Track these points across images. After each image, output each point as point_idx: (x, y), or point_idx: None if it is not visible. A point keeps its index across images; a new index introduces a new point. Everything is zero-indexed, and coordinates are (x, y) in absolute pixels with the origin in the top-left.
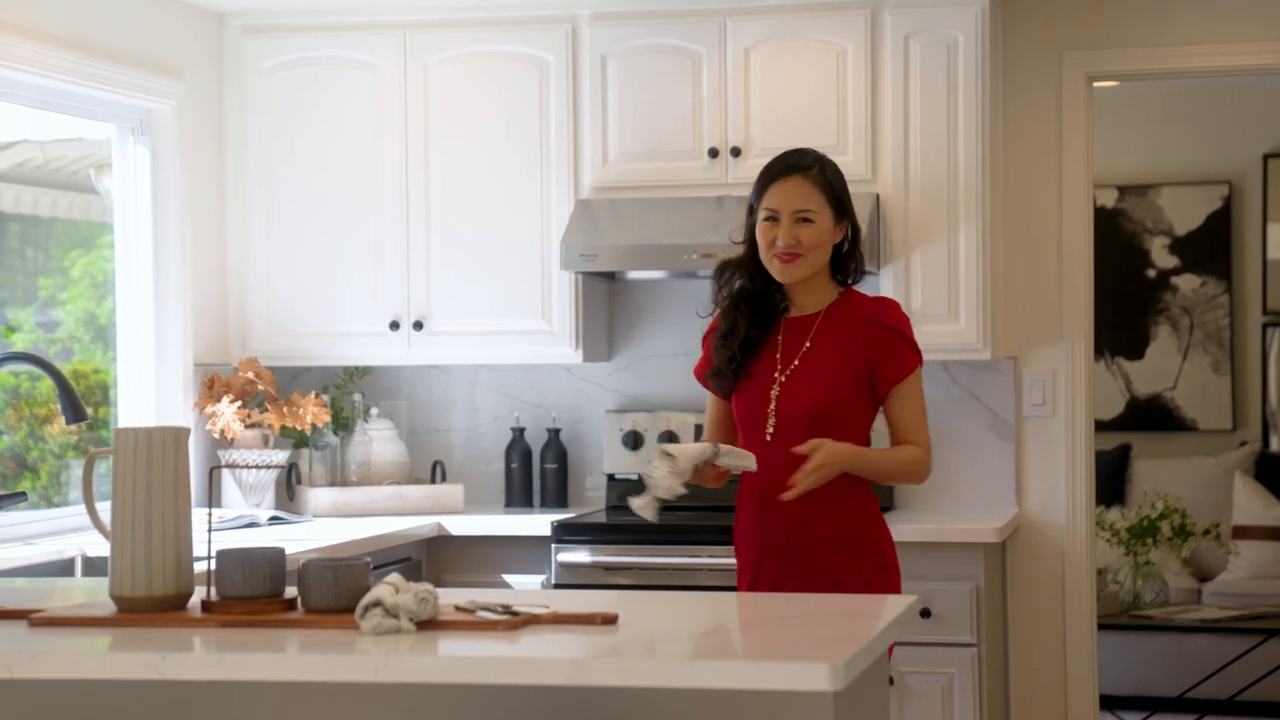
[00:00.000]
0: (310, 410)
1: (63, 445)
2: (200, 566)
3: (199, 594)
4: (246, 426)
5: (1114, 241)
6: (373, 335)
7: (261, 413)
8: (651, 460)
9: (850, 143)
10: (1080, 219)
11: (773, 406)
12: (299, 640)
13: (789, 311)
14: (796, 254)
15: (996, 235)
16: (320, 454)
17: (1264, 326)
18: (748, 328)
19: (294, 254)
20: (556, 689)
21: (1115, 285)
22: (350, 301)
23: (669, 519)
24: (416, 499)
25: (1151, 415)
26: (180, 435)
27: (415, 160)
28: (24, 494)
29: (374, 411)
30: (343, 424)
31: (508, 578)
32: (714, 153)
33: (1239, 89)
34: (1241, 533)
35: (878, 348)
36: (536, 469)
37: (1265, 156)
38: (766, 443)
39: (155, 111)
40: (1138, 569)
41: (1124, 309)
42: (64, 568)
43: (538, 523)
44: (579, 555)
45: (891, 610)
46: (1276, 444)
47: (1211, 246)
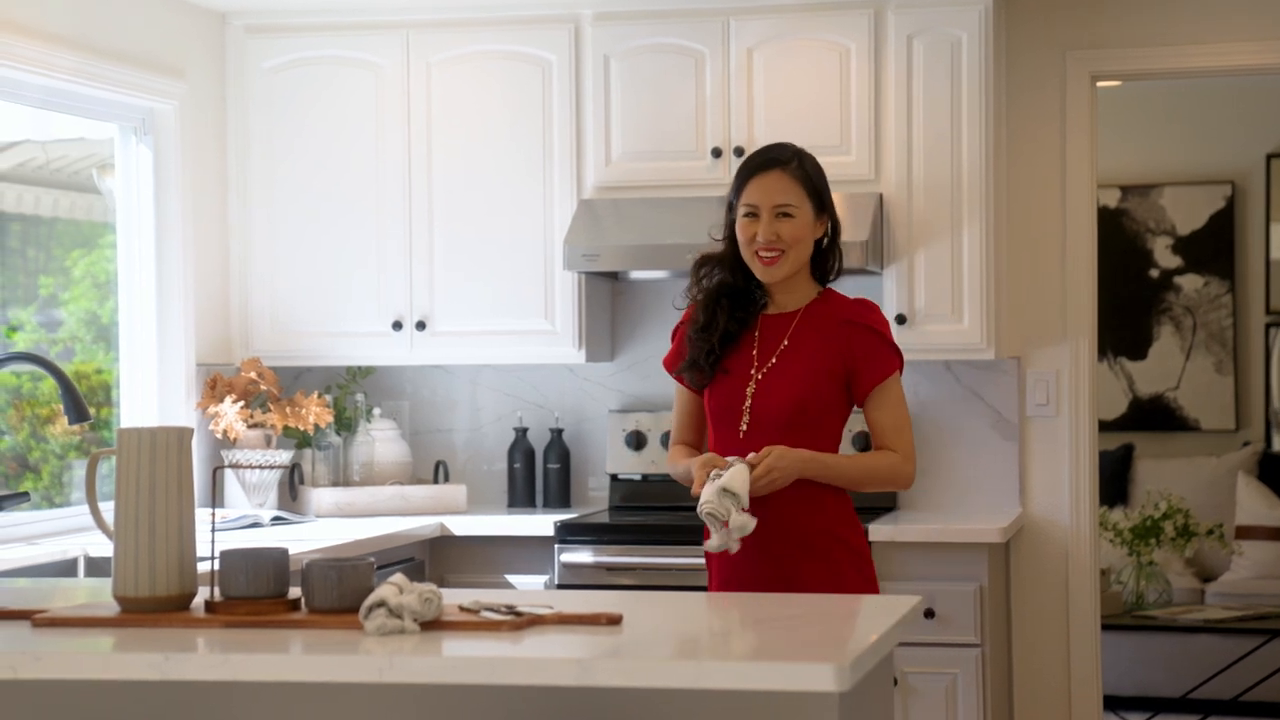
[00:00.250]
0: (313, 410)
1: (65, 445)
2: (204, 567)
3: (202, 594)
4: (249, 427)
5: (1117, 242)
6: (375, 335)
7: (264, 413)
8: (708, 504)
9: (853, 142)
10: (1083, 218)
11: (748, 404)
12: (303, 641)
13: (768, 308)
14: (778, 250)
15: (1000, 235)
16: (323, 454)
17: (1267, 326)
18: (727, 321)
19: (296, 254)
20: (561, 690)
21: (1118, 285)
22: (353, 301)
23: (670, 519)
24: (419, 499)
25: (1154, 415)
26: (183, 435)
27: (418, 160)
28: (27, 494)
29: (377, 411)
30: (345, 424)
31: (511, 578)
32: (717, 153)
33: (1242, 89)
34: (1244, 533)
35: (856, 349)
36: (539, 469)
37: (1268, 156)
38: (740, 439)
39: (157, 111)
40: (1141, 569)
41: (1127, 309)
42: (67, 568)
43: (541, 523)
44: (582, 555)
45: (896, 610)
46: (1279, 444)
47: (1214, 246)
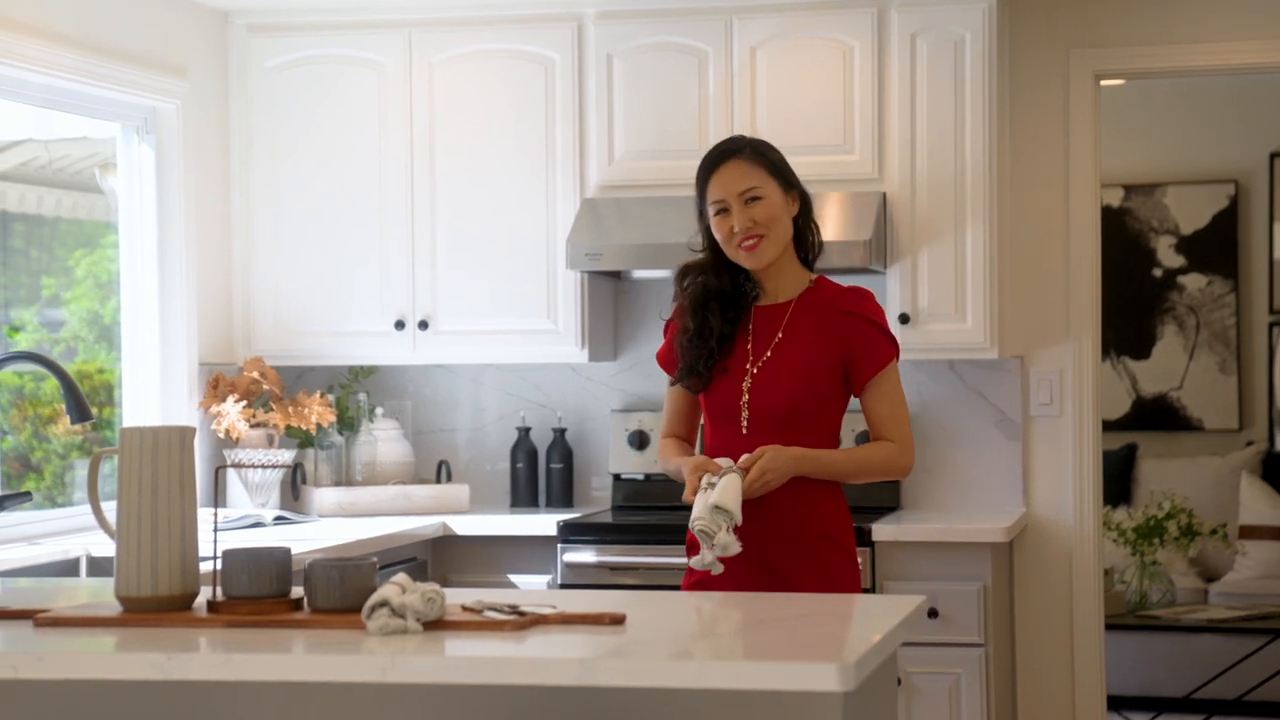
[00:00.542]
0: (315, 410)
1: (67, 445)
2: (206, 566)
3: (205, 594)
4: (251, 426)
5: (1120, 241)
6: (378, 335)
7: (266, 412)
8: (700, 520)
9: (857, 141)
10: (1087, 217)
11: (745, 399)
12: (305, 640)
13: (760, 299)
14: (758, 235)
15: (1003, 234)
16: (325, 454)
17: (1270, 326)
18: (720, 324)
19: (299, 253)
20: (564, 689)
21: (1121, 285)
22: (355, 301)
23: (674, 519)
24: (422, 499)
25: (1158, 415)
26: (185, 435)
27: (420, 159)
28: (29, 494)
29: (379, 411)
30: (348, 424)
31: (513, 578)
32: None
33: (1246, 87)
34: (1248, 533)
35: (853, 339)
36: (542, 469)
37: (1272, 155)
38: (743, 436)
39: (160, 110)
40: (1144, 569)
41: (1130, 308)
42: (69, 568)
43: (543, 523)
44: (585, 555)
45: (900, 610)
46: None
47: (1218, 246)
